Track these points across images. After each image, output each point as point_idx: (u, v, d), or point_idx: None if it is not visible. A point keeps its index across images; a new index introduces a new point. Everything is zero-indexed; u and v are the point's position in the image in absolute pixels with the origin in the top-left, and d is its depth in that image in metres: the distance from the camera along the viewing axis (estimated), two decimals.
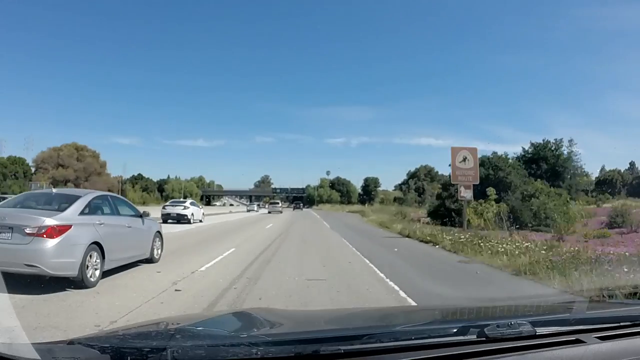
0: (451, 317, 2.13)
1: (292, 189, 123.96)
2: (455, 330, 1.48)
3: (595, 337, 1.55)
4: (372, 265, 10.25)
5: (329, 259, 11.50)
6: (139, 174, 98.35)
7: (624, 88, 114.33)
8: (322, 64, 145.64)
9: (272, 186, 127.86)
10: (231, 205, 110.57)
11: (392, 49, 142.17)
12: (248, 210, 64.73)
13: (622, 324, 1.68)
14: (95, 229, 6.68)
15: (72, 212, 6.47)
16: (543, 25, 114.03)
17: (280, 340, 1.42)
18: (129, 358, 1.20)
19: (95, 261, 6.51)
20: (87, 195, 7.27)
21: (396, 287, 7.56)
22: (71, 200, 6.85)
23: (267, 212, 55.28)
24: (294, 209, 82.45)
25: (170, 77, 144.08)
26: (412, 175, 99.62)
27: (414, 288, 7.51)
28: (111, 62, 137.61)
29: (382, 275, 8.89)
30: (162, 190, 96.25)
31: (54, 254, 5.83)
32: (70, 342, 1.33)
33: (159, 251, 9.28)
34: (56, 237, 5.90)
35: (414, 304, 6.41)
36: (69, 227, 6.12)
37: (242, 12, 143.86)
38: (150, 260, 8.74)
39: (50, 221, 5.97)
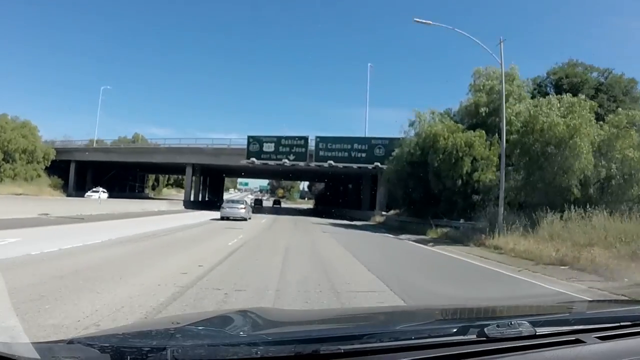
0: (451, 317, 2.12)
1: (322, 139, 41.87)
2: (455, 330, 1.48)
3: (595, 337, 1.55)
4: None
5: None
6: None
7: None
8: (359, 64, 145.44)
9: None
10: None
11: (428, 54, 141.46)
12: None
13: (622, 324, 1.68)
14: (248, 206, 31.97)
15: (247, 203, 34.13)
16: (577, 32, 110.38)
17: (280, 339, 1.41)
18: (129, 357, 1.20)
19: (249, 215, 29.88)
20: (246, 198, 56.24)
21: None
22: (243, 200, 37.33)
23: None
24: (268, 206, 55.90)
25: (206, 71, 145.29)
26: None
27: None
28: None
29: None
30: None
31: (245, 213, 28.79)
32: (70, 342, 1.32)
33: (251, 217, 30.17)
34: (245, 209, 29.13)
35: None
36: (247, 206, 30.66)
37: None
38: (250, 218, 29.13)
39: (243, 205, 29.85)
